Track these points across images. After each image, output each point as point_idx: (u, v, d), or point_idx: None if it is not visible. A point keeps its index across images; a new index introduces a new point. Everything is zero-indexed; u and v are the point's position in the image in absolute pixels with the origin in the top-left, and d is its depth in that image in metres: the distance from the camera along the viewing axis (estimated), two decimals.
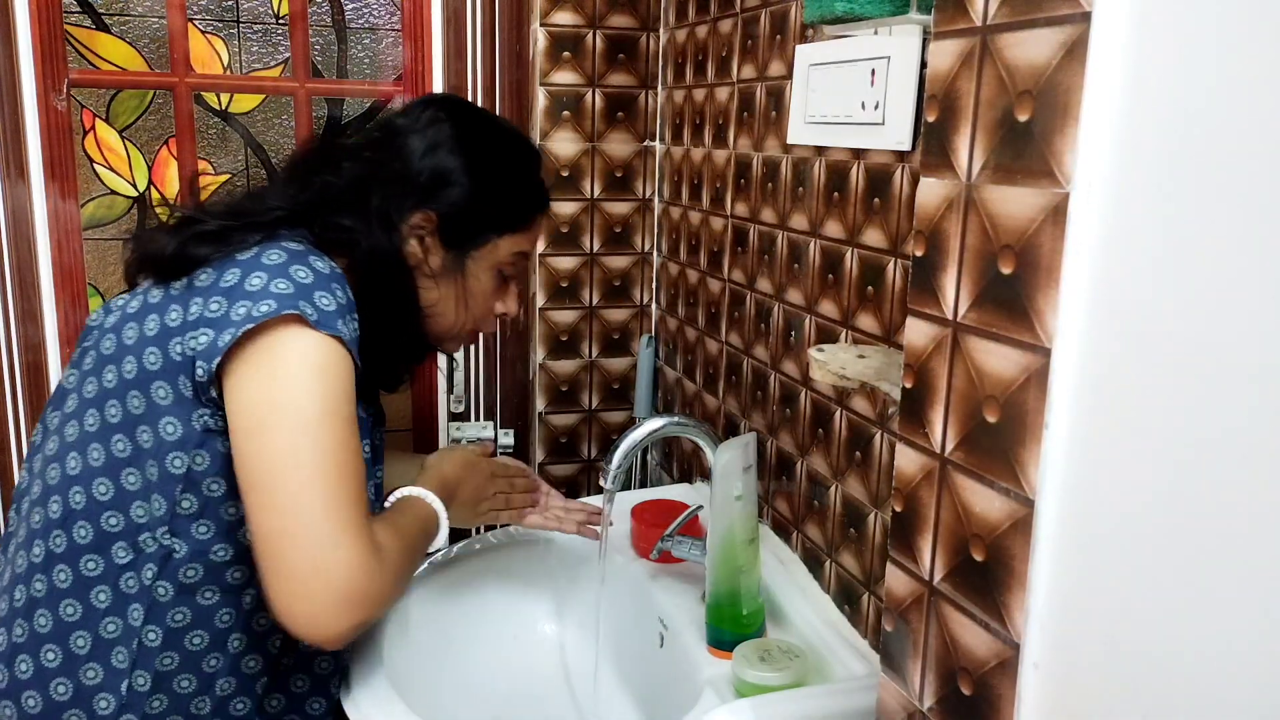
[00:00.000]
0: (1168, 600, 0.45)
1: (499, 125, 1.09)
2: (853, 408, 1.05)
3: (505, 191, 1.05)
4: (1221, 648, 0.42)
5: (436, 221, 1.00)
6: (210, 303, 0.86)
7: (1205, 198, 0.42)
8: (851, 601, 1.07)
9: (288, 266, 0.87)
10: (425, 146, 1.01)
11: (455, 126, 1.02)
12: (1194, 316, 0.42)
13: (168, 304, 0.89)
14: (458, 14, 1.60)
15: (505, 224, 1.05)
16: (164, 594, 0.89)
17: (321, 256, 0.90)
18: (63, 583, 0.89)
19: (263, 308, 0.83)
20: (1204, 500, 0.42)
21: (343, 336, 0.85)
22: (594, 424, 1.71)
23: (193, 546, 0.89)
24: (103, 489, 0.89)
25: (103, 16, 1.53)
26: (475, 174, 1.01)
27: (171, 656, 0.90)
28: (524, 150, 1.10)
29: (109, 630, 0.89)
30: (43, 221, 1.52)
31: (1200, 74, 0.42)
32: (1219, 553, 0.42)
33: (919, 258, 0.59)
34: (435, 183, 1.00)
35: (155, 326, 0.88)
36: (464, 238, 1.02)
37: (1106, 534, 0.47)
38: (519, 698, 1.23)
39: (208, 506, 0.88)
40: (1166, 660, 0.45)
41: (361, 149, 1.02)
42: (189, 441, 0.87)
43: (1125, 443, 0.46)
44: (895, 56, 0.92)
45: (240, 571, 0.91)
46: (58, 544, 0.90)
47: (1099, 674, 0.49)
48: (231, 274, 0.87)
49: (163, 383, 0.87)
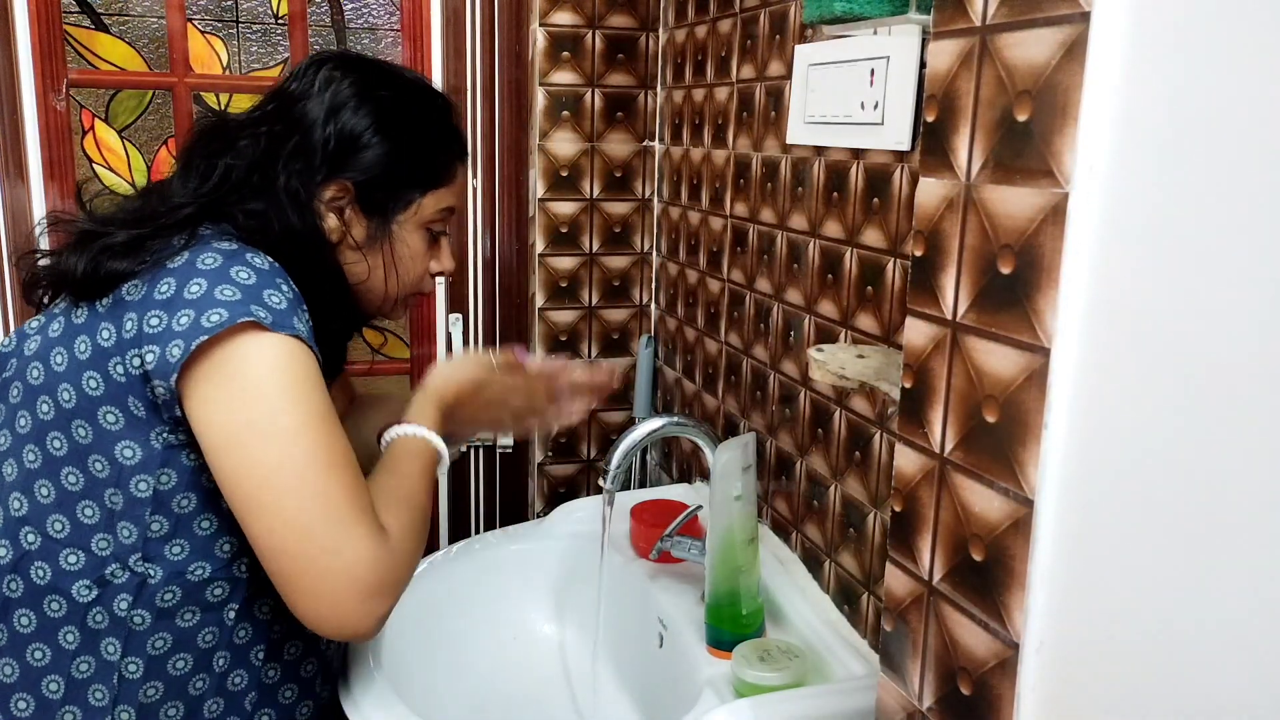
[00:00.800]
0: (1167, 599, 0.45)
1: (402, 76, 0.99)
2: (852, 408, 1.05)
3: (421, 146, 0.96)
4: (1220, 647, 0.42)
5: (354, 191, 0.93)
6: (149, 317, 0.80)
7: (1204, 197, 0.42)
8: (851, 601, 1.07)
9: (226, 269, 0.82)
10: (325, 111, 0.92)
11: (354, 84, 0.94)
12: (1193, 316, 0.42)
13: (96, 323, 0.83)
14: (457, 14, 1.60)
15: (427, 180, 0.97)
16: (141, 622, 0.85)
17: (256, 252, 0.85)
18: (25, 628, 0.85)
19: (214, 318, 0.79)
20: (1203, 499, 0.42)
21: (300, 334, 0.81)
22: (593, 424, 1.71)
23: (168, 569, 0.85)
24: (58, 526, 0.85)
25: (102, 17, 1.53)
26: (386, 132, 0.94)
27: (155, 686, 0.86)
28: (433, 99, 1.01)
29: (81, 670, 0.85)
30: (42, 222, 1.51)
31: (1199, 74, 0.42)
32: (1218, 552, 0.42)
33: (918, 258, 0.59)
34: (344, 149, 0.92)
35: (87, 349, 0.83)
36: (385, 202, 0.95)
37: (1106, 533, 0.47)
38: (518, 698, 1.23)
39: (180, 524, 0.85)
40: (1166, 660, 0.45)
41: (257, 123, 0.94)
42: (151, 462, 0.83)
43: (1124, 442, 0.46)
44: (894, 56, 0.92)
45: (220, 588, 0.87)
46: (13, 589, 0.85)
47: (1098, 673, 0.49)
48: (165, 284, 0.81)
49: (110, 407, 0.82)
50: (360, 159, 0.93)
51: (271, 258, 0.86)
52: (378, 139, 0.93)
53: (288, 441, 0.79)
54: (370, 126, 0.93)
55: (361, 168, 0.93)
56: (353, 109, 0.93)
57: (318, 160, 0.91)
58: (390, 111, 0.95)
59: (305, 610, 0.81)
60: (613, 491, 1.12)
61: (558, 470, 1.71)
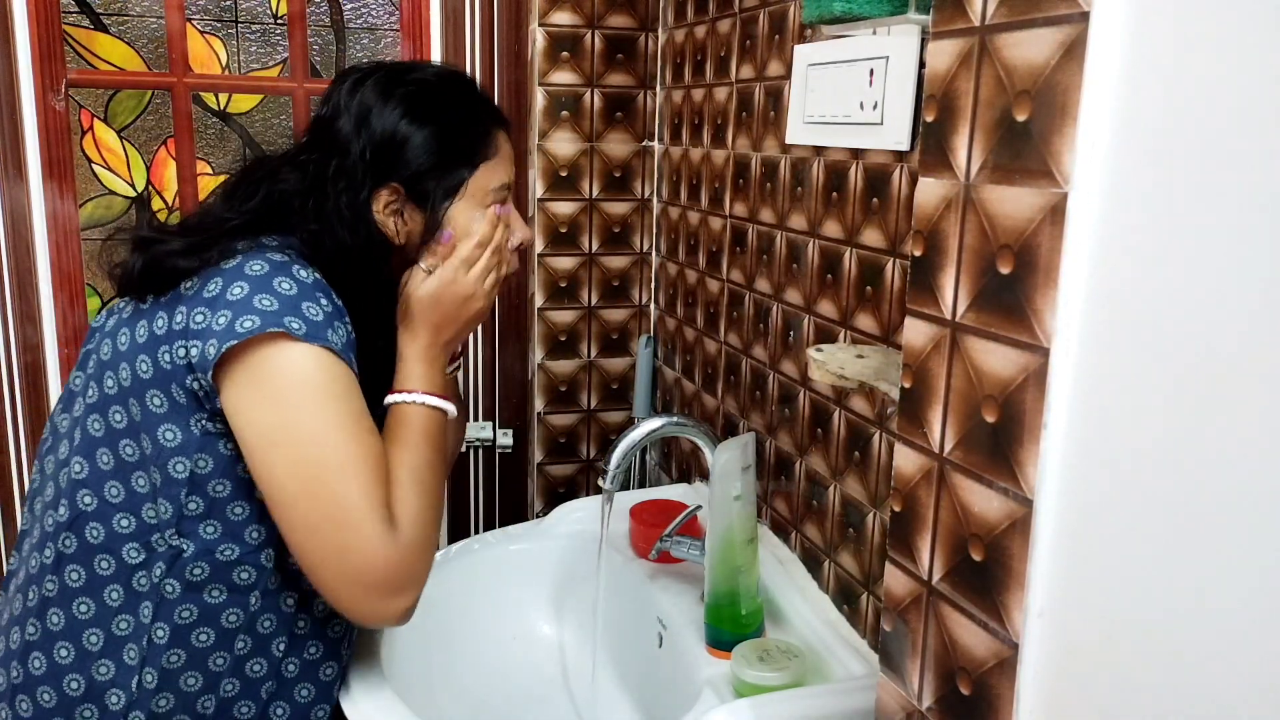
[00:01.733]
0: (1166, 599, 0.45)
1: (421, 67, 1.02)
2: (851, 408, 1.05)
3: (455, 124, 0.97)
4: (1219, 647, 0.42)
5: (404, 191, 0.95)
6: (195, 313, 0.85)
7: (1203, 197, 0.42)
8: (850, 601, 1.07)
9: (271, 278, 0.86)
10: (355, 122, 0.95)
11: (376, 87, 0.96)
12: (1191, 316, 0.42)
13: (155, 311, 0.88)
14: (456, 14, 1.60)
15: (470, 157, 0.98)
16: (171, 591, 0.89)
17: (306, 266, 0.89)
18: (75, 582, 0.91)
19: (247, 324, 0.83)
20: (1202, 499, 0.42)
21: (333, 346, 0.85)
22: (593, 424, 1.71)
23: (200, 545, 0.89)
24: (114, 491, 0.90)
25: (101, 16, 1.53)
26: (416, 120, 0.95)
27: (178, 654, 0.90)
28: (455, 79, 1.02)
29: (121, 627, 0.90)
30: (41, 222, 1.52)
31: (1198, 74, 0.42)
32: (1217, 551, 0.42)
33: (918, 258, 0.59)
34: (382, 152, 0.94)
35: (145, 333, 0.88)
36: (437, 190, 0.97)
37: (1105, 533, 0.47)
38: (518, 698, 1.23)
39: (214, 507, 0.89)
40: (1165, 659, 0.45)
41: (299, 153, 0.97)
42: (189, 446, 0.87)
43: (1123, 442, 0.46)
44: (894, 56, 0.92)
45: (247, 572, 0.91)
46: (68, 545, 0.91)
47: (1097, 673, 0.49)
48: (215, 283, 0.86)
49: (156, 391, 0.87)
50: (400, 156, 0.95)
51: (325, 273, 0.90)
52: (410, 130, 0.95)
53: (306, 446, 0.84)
54: (400, 121, 0.95)
55: (403, 164, 0.95)
56: (378, 111, 0.95)
57: (360, 174, 0.94)
58: (416, 100, 0.96)
59: (333, 601, 0.88)
60: (612, 491, 1.12)
61: (557, 470, 1.71)
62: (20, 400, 1.56)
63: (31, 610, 0.92)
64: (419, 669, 1.13)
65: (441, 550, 1.32)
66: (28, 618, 0.92)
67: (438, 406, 0.95)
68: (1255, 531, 0.40)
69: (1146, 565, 0.45)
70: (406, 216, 0.96)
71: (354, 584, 0.85)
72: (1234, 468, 0.41)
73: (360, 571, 0.85)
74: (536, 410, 1.68)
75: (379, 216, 0.95)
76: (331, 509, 0.84)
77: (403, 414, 0.94)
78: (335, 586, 0.86)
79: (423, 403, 0.95)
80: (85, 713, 0.90)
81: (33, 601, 0.92)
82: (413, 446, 0.92)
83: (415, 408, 0.94)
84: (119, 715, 0.89)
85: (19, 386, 1.56)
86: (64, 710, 0.90)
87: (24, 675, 0.92)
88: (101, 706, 0.90)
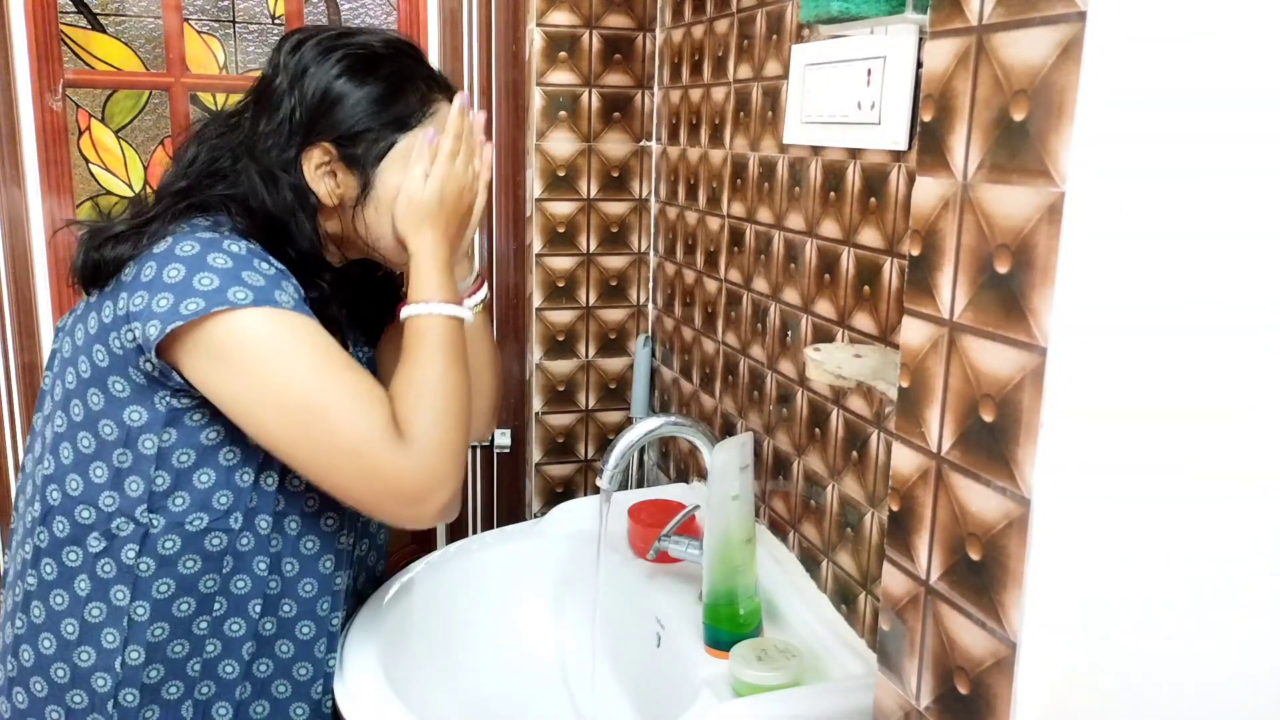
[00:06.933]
0: (1164, 599, 0.45)
1: (362, 30, 1.00)
2: (849, 407, 1.05)
3: (391, 86, 0.96)
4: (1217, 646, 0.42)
5: (335, 151, 0.94)
6: (134, 297, 0.87)
7: (1200, 196, 0.42)
8: (848, 601, 1.07)
9: (205, 255, 0.86)
10: (290, 80, 0.93)
11: (315, 48, 0.95)
12: (1189, 315, 0.42)
13: (102, 301, 0.91)
14: (454, 14, 1.60)
15: (406, 120, 0.96)
16: (146, 569, 0.92)
17: (235, 239, 0.89)
18: (49, 575, 0.95)
19: (191, 306, 0.84)
20: (1199, 499, 0.43)
21: (283, 305, 0.87)
22: (591, 424, 1.71)
23: (169, 519, 0.92)
24: (74, 485, 0.93)
25: (98, 16, 1.53)
26: (354, 79, 0.94)
27: (162, 626, 0.94)
28: (398, 43, 1.00)
29: (93, 615, 0.93)
30: (38, 222, 1.51)
31: (1195, 73, 0.42)
32: (1215, 551, 0.42)
33: (915, 257, 0.59)
34: (314, 112, 0.93)
35: (95, 324, 0.91)
36: (369, 152, 0.95)
37: (1102, 533, 0.48)
38: (516, 698, 1.23)
39: (180, 478, 0.92)
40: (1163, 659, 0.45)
41: (229, 115, 0.97)
42: (156, 423, 0.90)
43: (1121, 441, 0.46)
44: (891, 56, 0.92)
45: (218, 538, 0.94)
46: (42, 540, 0.95)
47: (1095, 672, 0.49)
48: (149, 267, 0.87)
49: (116, 377, 0.89)
50: (332, 116, 0.94)
51: (260, 239, 0.91)
52: (346, 89, 0.94)
53: (287, 400, 0.86)
54: (336, 80, 0.94)
55: (335, 123, 0.94)
56: (315, 70, 0.94)
57: (288, 132, 0.93)
58: (354, 61, 0.95)
59: (374, 516, 0.97)
60: (610, 491, 1.12)
61: (555, 470, 1.71)
62: (18, 399, 1.56)
63: (18, 605, 0.97)
64: (417, 669, 1.13)
65: (439, 550, 1.32)
66: (16, 612, 0.97)
67: (454, 315, 0.95)
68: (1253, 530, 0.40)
69: (1144, 563, 0.45)
70: (340, 179, 0.95)
71: (383, 499, 0.90)
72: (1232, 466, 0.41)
73: (385, 487, 0.88)
74: (534, 410, 1.68)
75: (310, 177, 0.94)
76: (334, 445, 0.87)
77: (418, 327, 0.94)
78: (370, 505, 0.91)
79: (439, 313, 0.94)
80: (75, 698, 0.94)
81: (19, 596, 0.97)
82: (426, 360, 0.92)
83: (431, 319, 0.94)
84: (108, 697, 0.93)
85: (16, 386, 1.55)
86: (55, 698, 0.94)
87: (17, 668, 0.96)
88: (89, 690, 0.93)
